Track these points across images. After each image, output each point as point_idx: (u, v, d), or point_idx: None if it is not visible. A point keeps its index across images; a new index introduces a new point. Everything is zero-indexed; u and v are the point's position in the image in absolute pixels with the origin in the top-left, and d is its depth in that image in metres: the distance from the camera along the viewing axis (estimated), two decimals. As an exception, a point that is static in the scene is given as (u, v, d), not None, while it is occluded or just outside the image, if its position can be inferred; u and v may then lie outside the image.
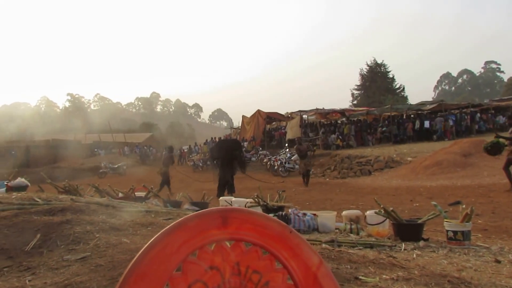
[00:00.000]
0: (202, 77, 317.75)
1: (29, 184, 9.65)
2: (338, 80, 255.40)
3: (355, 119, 39.91)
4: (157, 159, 46.30)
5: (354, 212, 7.34)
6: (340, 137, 34.27)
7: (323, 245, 4.67)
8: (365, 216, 6.62)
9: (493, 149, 13.32)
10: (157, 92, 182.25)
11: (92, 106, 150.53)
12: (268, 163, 28.88)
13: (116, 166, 34.11)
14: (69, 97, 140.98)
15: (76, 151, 43.73)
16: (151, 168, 38.14)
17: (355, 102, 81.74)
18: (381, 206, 6.12)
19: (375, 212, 6.24)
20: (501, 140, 13.11)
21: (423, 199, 12.90)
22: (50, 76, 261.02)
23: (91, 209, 5.25)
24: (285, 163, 26.76)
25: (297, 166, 25.89)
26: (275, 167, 27.00)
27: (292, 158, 26.66)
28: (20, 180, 9.59)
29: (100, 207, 5.60)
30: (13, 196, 6.19)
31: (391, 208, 6.13)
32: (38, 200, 5.68)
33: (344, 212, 7.29)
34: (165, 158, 19.53)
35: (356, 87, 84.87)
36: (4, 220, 4.29)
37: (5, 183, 10.03)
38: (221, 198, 10.26)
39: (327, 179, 22.96)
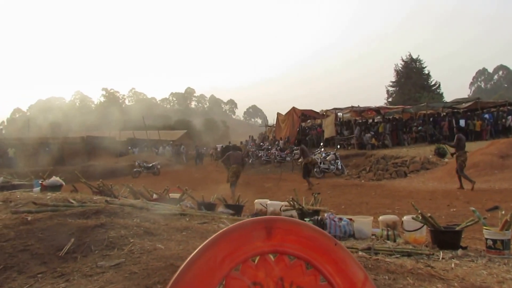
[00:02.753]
0: (236, 73, 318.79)
1: (63, 183, 9.72)
2: (373, 77, 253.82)
3: (391, 117, 39.26)
4: (190, 158, 46.32)
5: (391, 217, 7.23)
6: (375, 136, 33.83)
7: (360, 253, 4.60)
8: (402, 222, 6.51)
9: (440, 153, 16.95)
10: (192, 88, 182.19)
11: (126, 101, 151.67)
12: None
13: (150, 165, 34.11)
14: (103, 92, 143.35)
15: (110, 148, 44.09)
16: (184, 168, 38.34)
17: (390, 99, 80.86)
18: (419, 211, 6.02)
19: (413, 218, 6.13)
20: (447, 147, 16.36)
21: (460, 203, 12.68)
22: (85, 71, 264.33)
23: (125, 211, 5.25)
24: (320, 163, 25.76)
25: (332, 167, 25.62)
26: (310, 168, 26.62)
27: (327, 158, 26.24)
28: (55, 179, 9.66)
29: (134, 209, 5.61)
30: (48, 197, 6.23)
31: (429, 214, 6.01)
32: (73, 201, 5.70)
33: (380, 218, 7.19)
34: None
35: (391, 83, 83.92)
36: (38, 222, 4.30)
37: (40, 182, 10.12)
38: (256, 200, 10.26)
39: (363, 181, 22.67)
